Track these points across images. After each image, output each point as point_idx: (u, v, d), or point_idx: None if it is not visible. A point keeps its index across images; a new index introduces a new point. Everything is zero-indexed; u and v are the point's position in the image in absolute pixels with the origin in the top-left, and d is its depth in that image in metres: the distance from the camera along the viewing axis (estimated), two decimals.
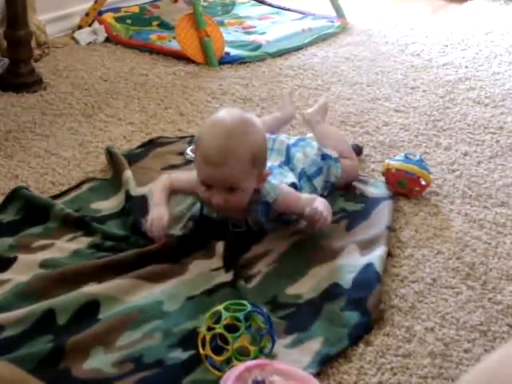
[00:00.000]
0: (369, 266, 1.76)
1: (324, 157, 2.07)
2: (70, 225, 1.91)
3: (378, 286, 1.69)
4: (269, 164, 1.89)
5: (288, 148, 2.02)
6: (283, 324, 1.58)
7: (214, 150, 1.72)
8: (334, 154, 2.09)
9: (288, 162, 1.98)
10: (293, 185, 1.90)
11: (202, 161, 1.74)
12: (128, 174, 2.10)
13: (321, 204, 1.83)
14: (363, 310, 1.62)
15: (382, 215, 1.98)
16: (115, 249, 1.82)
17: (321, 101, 2.35)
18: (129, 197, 2.01)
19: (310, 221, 1.83)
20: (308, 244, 1.86)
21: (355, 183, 2.15)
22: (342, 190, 2.11)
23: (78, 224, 1.91)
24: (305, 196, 1.89)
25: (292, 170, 1.96)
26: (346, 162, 2.12)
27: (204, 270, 1.75)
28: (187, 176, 1.94)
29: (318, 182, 2.03)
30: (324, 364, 1.49)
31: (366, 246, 1.85)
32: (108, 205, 2.04)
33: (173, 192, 1.94)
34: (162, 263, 1.76)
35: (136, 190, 2.04)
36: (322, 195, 2.02)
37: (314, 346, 1.52)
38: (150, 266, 1.74)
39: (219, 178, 1.73)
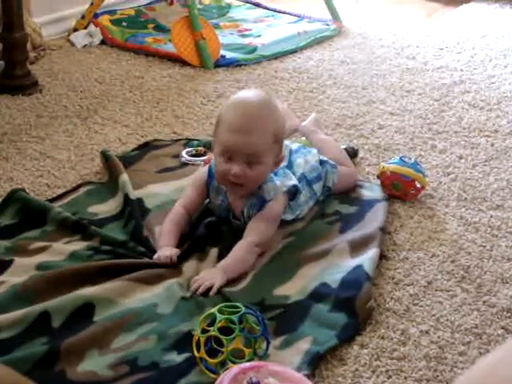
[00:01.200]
0: (358, 267, 1.76)
1: (322, 162, 2.08)
2: (67, 228, 1.91)
3: (366, 285, 1.69)
4: None
5: (290, 153, 2.03)
6: (272, 325, 1.58)
7: (243, 118, 1.77)
8: (332, 162, 2.10)
9: (290, 166, 1.99)
10: (294, 187, 1.91)
11: (228, 130, 1.78)
12: (124, 177, 2.10)
13: (223, 275, 1.71)
14: (351, 310, 1.62)
15: (375, 217, 1.98)
16: (113, 253, 1.81)
17: (311, 116, 2.43)
18: (128, 201, 2.00)
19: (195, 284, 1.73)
20: (299, 245, 1.86)
21: None
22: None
23: (76, 228, 1.90)
24: (266, 228, 1.83)
25: (292, 173, 1.96)
26: (343, 169, 2.13)
27: (197, 273, 1.75)
28: (192, 187, 1.95)
29: (318, 187, 2.04)
30: (315, 363, 1.49)
31: (358, 247, 1.85)
32: (105, 208, 2.04)
33: (190, 213, 1.93)
34: (156, 267, 1.76)
35: (133, 194, 2.04)
36: (317, 201, 2.05)
37: (304, 345, 1.53)
38: (145, 268, 1.74)
39: (244, 147, 1.76)
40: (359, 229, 1.94)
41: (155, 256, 1.79)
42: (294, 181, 1.92)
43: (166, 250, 1.79)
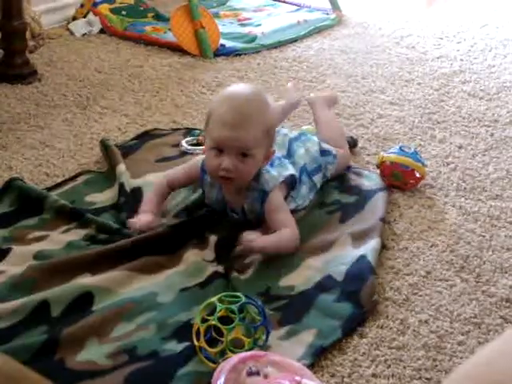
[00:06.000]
0: (362, 257, 1.76)
1: (323, 153, 2.07)
2: (64, 216, 1.91)
3: (371, 278, 1.69)
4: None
5: (290, 142, 2.02)
6: (276, 316, 1.58)
7: (233, 112, 1.75)
8: (333, 151, 2.10)
9: (289, 155, 1.98)
10: (291, 176, 1.90)
11: (219, 123, 1.76)
12: (122, 167, 2.10)
13: (265, 240, 1.78)
14: (356, 302, 1.62)
15: (375, 207, 1.98)
16: (110, 241, 1.81)
17: (329, 92, 2.41)
18: (123, 192, 2.00)
19: (242, 241, 1.79)
20: (301, 235, 1.86)
21: (350, 175, 2.15)
22: (335, 181, 2.11)
23: (73, 215, 1.91)
24: (285, 215, 1.85)
25: (293, 164, 1.96)
26: (339, 153, 2.13)
27: (197, 261, 1.75)
28: (183, 167, 1.96)
29: (318, 179, 2.04)
30: (317, 356, 1.49)
31: (360, 237, 1.85)
32: (103, 197, 2.04)
33: (171, 188, 1.96)
34: (155, 255, 1.76)
35: (130, 183, 2.04)
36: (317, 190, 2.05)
37: (308, 337, 1.53)
38: (144, 257, 1.74)
39: (235, 140, 1.75)
40: (359, 219, 1.94)
41: (132, 220, 1.85)
42: (290, 170, 1.91)
43: (142, 217, 1.86)
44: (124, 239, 1.80)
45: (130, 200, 1.97)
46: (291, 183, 1.91)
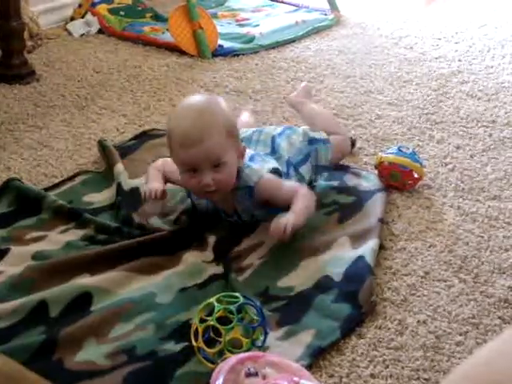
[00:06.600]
0: (360, 258, 1.76)
1: (311, 141, 2.07)
2: (62, 216, 1.91)
3: (369, 279, 1.69)
4: (253, 153, 1.91)
5: (273, 138, 2.01)
6: (275, 316, 1.58)
7: (189, 130, 1.73)
8: (323, 136, 2.09)
9: (273, 152, 1.97)
10: (274, 170, 1.89)
11: (181, 146, 1.75)
12: (119, 167, 2.10)
13: (292, 214, 1.78)
14: (354, 302, 1.62)
15: (374, 208, 1.98)
16: (108, 242, 1.82)
17: (301, 85, 2.42)
18: (120, 191, 2.01)
19: (273, 231, 1.78)
20: (299, 236, 1.86)
21: (348, 176, 2.15)
22: (333, 182, 2.11)
23: (71, 215, 1.91)
24: (288, 184, 1.88)
25: (278, 159, 1.95)
26: (336, 139, 2.12)
27: (196, 262, 1.75)
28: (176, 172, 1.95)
29: (305, 169, 2.02)
30: (316, 356, 1.49)
31: (358, 238, 1.84)
32: (100, 197, 2.04)
33: (164, 177, 1.95)
34: (154, 255, 1.76)
35: (128, 183, 2.04)
36: (311, 182, 2.04)
37: (306, 338, 1.53)
38: (143, 257, 1.74)
39: (202, 155, 1.73)
40: (358, 219, 1.94)
41: (144, 188, 1.89)
42: (273, 164, 1.90)
43: (153, 184, 1.88)
44: (123, 240, 1.80)
45: (128, 199, 1.97)
46: (277, 176, 1.90)
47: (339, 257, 1.78)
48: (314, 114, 2.24)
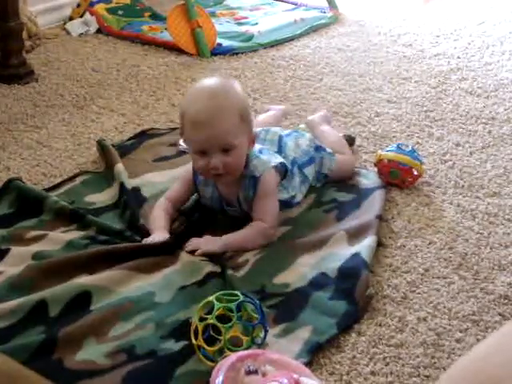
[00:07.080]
0: (356, 255, 1.76)
1: (318, 148, 2.07)
2: (64, 217, 1.91)
3: (364, 274, 1.68)
4: (261, 147, 1.92)
5: (280, 138, 2.02)
6: (272, 313, 1.58)
7: (202, 112, 1.74)
8: (329, 149, 2.10)
9: (280, 151, 1.98)
10: (281, 165, 1.89)
11: (192, 128, 1.76)
12: (119, 167, 2.10)
13: (218, 242, 1.79)
14: (351, 299, 1.62)
15: (372, 205, 1.98)
16: (109, 243, 1.81)
17: (320, 111, 2.43)
18: (124, 190, 2.00)
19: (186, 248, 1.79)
20: (296, 233, 1.86)
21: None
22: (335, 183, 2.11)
23: (73, 217, 1.90)
24: (271, 206, 1.85)
25: (284, 158, 1.95)
26: (341, 157, 2.12)
27: (194, 260, 1.75)
28: (179, 183, 1.96)
29: (309, 171, 2.03)
30: (314, 352, 1.49)
31: (355, 235, 1.84)
32: (102, 198, 2.04)
33: (177, 207, 1.93)
34: (153, 255, 1.76)
35: (128, 183, 2.04)
36: (313, 185, 2.05)
37: (303, 334, 1.53)
38: (142, 257, 1.74)
39: (213, 138, 1.74)
40: (356, 217, 1.94)
41: (149, 239, 1.79)
42: (280, 159, 1.91)
43: (159, 235, 1.80)
44: (123, 243, 1.80)
45: (132, 197, 1.97)
46: (282, 171, 1.91)
47: (335, 253, 1.78)
48: (323, 133, 2.25)
